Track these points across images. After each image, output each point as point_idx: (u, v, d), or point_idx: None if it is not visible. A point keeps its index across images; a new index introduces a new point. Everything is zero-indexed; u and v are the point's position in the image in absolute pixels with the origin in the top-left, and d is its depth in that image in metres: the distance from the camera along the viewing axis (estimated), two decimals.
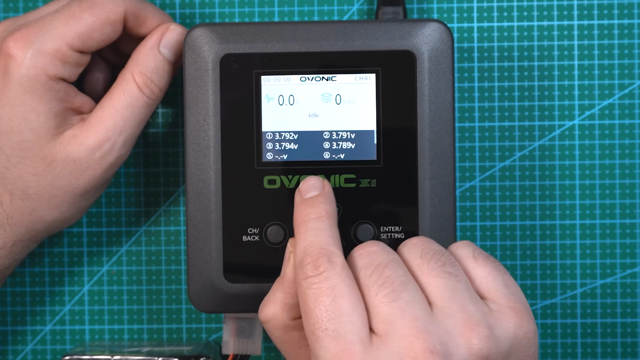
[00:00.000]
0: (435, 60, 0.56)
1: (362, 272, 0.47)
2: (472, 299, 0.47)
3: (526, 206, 0.64)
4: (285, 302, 0.50)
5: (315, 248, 0.48)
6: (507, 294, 0.48)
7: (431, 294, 0.47)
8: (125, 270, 0.65)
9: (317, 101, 0.56)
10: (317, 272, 0.47)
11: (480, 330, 0.46)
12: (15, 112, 0.55)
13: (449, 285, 0.47)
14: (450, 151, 0.56)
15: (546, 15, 0.63)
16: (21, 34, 0.55)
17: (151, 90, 0.57)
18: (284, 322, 0.50)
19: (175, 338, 0.65)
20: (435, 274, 0.48)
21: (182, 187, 0.64)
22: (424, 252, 0.49)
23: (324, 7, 0.64)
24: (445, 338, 0.45)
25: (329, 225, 0.49)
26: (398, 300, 0.46)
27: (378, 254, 0.48)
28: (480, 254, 0.50)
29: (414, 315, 0.45)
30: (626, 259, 0.64)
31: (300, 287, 0.47)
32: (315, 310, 0.46)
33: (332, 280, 0.46)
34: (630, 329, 0.64)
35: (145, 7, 0.58)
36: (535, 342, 0.48)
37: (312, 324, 0.46)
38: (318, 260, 0.47)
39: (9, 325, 0.65)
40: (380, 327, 0.45)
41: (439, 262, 0.48)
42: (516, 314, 0.47)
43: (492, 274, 0.49)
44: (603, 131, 0.63)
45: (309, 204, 0.51)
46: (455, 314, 0.46)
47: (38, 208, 0.57)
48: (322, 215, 0.50)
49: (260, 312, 0.51)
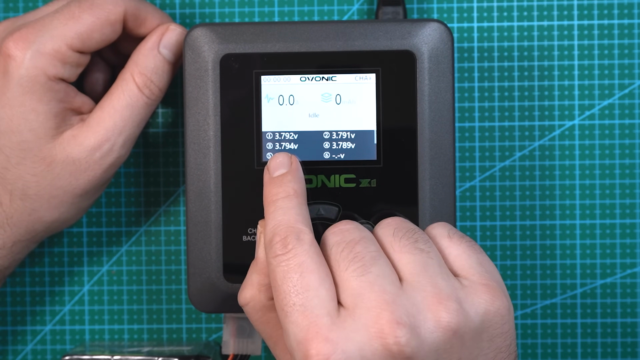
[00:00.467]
0: (435, 60, 0.56)
1: (334, 248, 0.48)
2: (443, 275, 0.47)
3: (526, 206, 0.64)
4: (261, 283, 0.50)
5: (284, 227, 0.48)
6: (481, 272, 0.48)
7: (402, 270, 0.47)
8: (125, 270, 0.65)
9: (317, 101, 0.56)
10: (286, 249, 0.47)
11: (449, 304, 0.46)
12: (15, 112, 0.55)
13: (419, 261, 0.47)
14: (450, 151, 0.56)
15: (546, 15, 0.63)
16: (21, 35, 0.55)
17: (151, 90, 0.57)
18: (261, 302, 0.51)
19: (175, 338, 0.65)
20: (406, 250, 0.48)
21: (182, 187, 0.64)
22: (396, 230, 0.49)
23: (324, 7, 0.64)
24: (413, 311, 0.45)
25: (297, 204, 0.50)
26: (367, 274, 0.46)
27: (350, 231, 0.48)
28: (455, 233, 0.50)
29: (383, 288, 0.45)
30: (626, 259, 0.64)
31: (270, 266, 0.48)
32: (283, 286, 0.46)
33: (300, 256, 0.47)
34: (630, 329, 0.64)
35: (144, 8, 0.58)
36: (509, 319, 0.48)
37: (280, 300, 0.46)
38: (286, 239, 0.47)
39: (9, 325, 0.65)
40: (349, 300, 0.46)
41: (411, 239, 0.48)
42: (488, 290, 0.47)
43: (467, 252, 0.49)
44: (603, 131, 0.63)
45: (277, 183, 0.51)
46: (425, 288, 0.46)
47: (38, 208, 0.57)
48: (291, 193, 0.50)
49: (239, 297, 0.51)
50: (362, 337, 0.45)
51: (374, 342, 0.44)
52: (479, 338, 0.47)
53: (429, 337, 0.45)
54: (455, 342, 0.46)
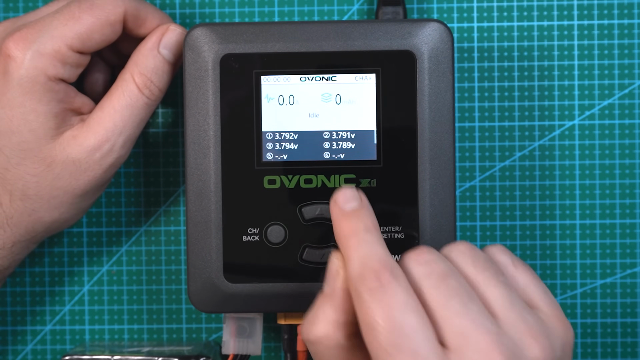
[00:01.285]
0: (435, 60, 0.56)
1: (426, 281, 0.45)
2: (526, 309, 0.46)
3: (526, 206, 0.64)
4: (339, 320, 0.47)
5: (375, 260, 0.45)
6: (550, 302, 0.48)
7: (492, 305, 0.46)
8: (125, 270, 0.65)
9: (317, 101, 0.56)
10: (382, 285, 0.44)
11: (542, 340, 0.45)
12: (15, 112, 0.55)
13: (506, 295, 0.46)
14: (450, 151, 0.56)
15: (546, 15, 0.63)
16: (21, 35, 0.55)
17: (151, 91, 0.57)
18: (337, 341, 0.47)
19: (175, 338, 0.65)
20: (492, 283, 0.46)
21: (182, 187, 0.64)
22: (475, 261, 0.47)
23: (324, 7, 0.64)
24: (516, 350, 0.44)
25: (379, 238, 0.47)
26: (469, 312, 0.44)
27: (437, 262, 0.46)
28: (517, 260, 0.49)
29: (486, 327, 0.44)
30: (626, 259, 0.64)
31: (363, 302, 0.44)
32: (387, 325, 0.44)
33: (400, 295, 0.44)
34: (630, 329, 0.64)
35: (144, 8, 0.58)
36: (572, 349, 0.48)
37: (382, 340, 0.43)
38: (380, 273, 0.44)
39: (9, 325, 0.65)
40: (454, 341, 0.44)
41: (492, 271, 0.47)
42: (562, 323, 0.47)
43: (533, 282, 0.48)
44: (603, 131, 0.63)
45: (354, 217, 0.48)
46: (519, 325, 0.45)
47: (38, 209, 0.57)
48: (371, 227, 0.47)
49: (309, 332, 0.47)
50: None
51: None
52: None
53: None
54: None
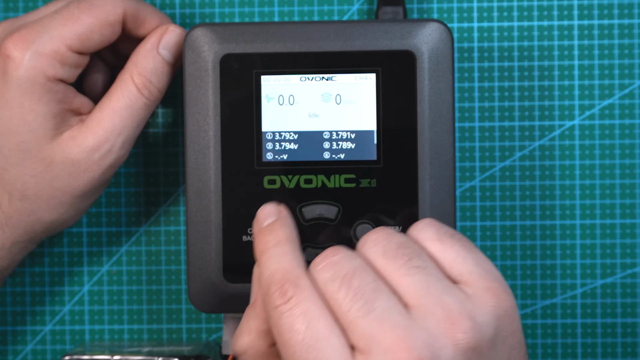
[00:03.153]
0: (435, 60, 0.56)
1: (329, 286, 0.45)
2: (447, 289, 0.45)
3: (526, 206, 0.64)
4: (260, 328, 0.47)
5: (279, 274, 0.45)
6: (480, 274, 0.46)
7: (404, 295, 0.45)
8: (125, 270, 0.65)
9: (317, 101, 0.56)
10: (285, 298, 0.44)
11: (463, 323, 0.44)
12: (14, 113, 0.55)
13: (420, 281, 0.45)
14: (450, 151, 0.56)
15: (546, 15, 0.63)
16: (20, 35, 0.55)
17: (150, 91, 0.57)
18: (261, 350, 0.47)
19: (175, 338, 0.65)
20: (403, 271, 0.45)
21: (182, 187, 0.64)
22: (386, 249, 0.46)
23: (324, 7, 0.64)
24: (429, 340, 0.43)
25: (290, 249, 0.47)
26: (373, 311, 0.43)
27: (341, 263, 0.45)
28: (444, 233, 0.47)
29: (393, 323, 0.43)
30: (626, 259, 0.64)
31: (272, 318, 0.45)
32: (291, 341, 0.44)
33: (302, 305, 0.44)
34: (630, 329, 0.64)
35: (144, 8, 0.58)
36: (516, 317, 0.46)
37: (291, 355, 0.44)
38: (284, 287, 0.45)
39: (9, 325, 0.65)
40: (361, 343, 0.43)
41: (405, 258, 0.45)
42: (494, 295, 0.45)
43: (461, 255, 0.46)
44: (603, 131, 0.63)
45: (266, 232, 0.48)
46: (434, 311, 0.44)
47: (37, 209, 0.57)
48: (282, 240, 0.47)
49: (235, 344, 0.48)
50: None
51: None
52: (493, 345, 0.45)
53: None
54: (474, 357, 0.44)
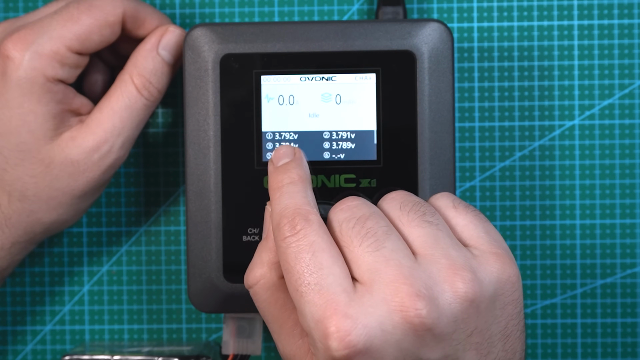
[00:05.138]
0: (435, 60, 0.56)
1: (344, 224, 0.48)
2: (454, 246, 0.48)
3: (526, 206, 0.64)
4: (272, 260, 0.50)
5: (291, 209, 0.48)
6: (489, 240, 0.49)
7: (413, 243, 0.47)
8: (125, 270, 0.65)
9: (317, 101, 0.56)
10: (295, 231, 0.47)
11: (464, 274, 0.46)
12: (14, 113, 0.55)
13: (430, 234, 0.48)
14: (450, 151, 0.56)
15: (546, 15, 0.63)
16: (19, 36, 0.55)
17: (149, 92, 0.57)
18: (272, 280, 0.50)
19: (175, 338, 0.65)
20: (415, 223, 0.48)
21: (182, 187, 0.64)
22: (403, 204, 0.49)
23: (324, 7, 0.64)
24: (430, 283, 0.46)
25: (302, 188, 0.50)
26: (382, 249, 0.46)
27: (359, 207, 0.48)
28: (459, 203, 0.51)
29: (398, 262, 0.46)
30: (626, 259, 0.64)
31: (280, 249, 0.47)
32: (296, 267, 0.46)
33: (310, 236, 0.47)
34: (630, 329, 0.64)
35: (143, 9, 0.58)
36: (519, 286, 0.48)
37: (294, 281, 0.46)
38: (294, 220, 0.47)
39: (9, 325, 0.65)
40: (365, 276, 0.46)
41: (419, 212, 0.48)
42: (499, 259, 0.48)
43: (473, 222, 0.50)
44: (603, 131, 0.63)
45: (281, 170, 0.51)
46: (439, 260, 0.46)
47: (36, 210, 0.57)
48: (295, 179, 0.50)
49: (248, 277, 0.51)
50: (382, 311, 0.45)
51: (394, 315, 0.45)
52: (492, 306, 0.47)
53: (448, 308, 0.46)
54: (472, 311, 0.46)
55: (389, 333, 0.45)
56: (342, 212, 0.48)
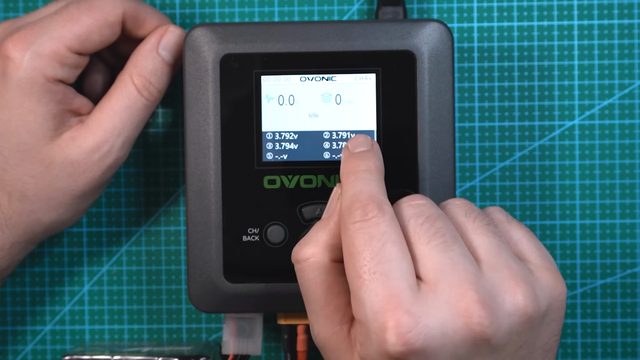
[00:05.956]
0: (435, 60, 0.56)
1: (413, 220, 0.47)
2: (514, 258, 0.48)
3: (526, 206, 0.64)
4: (328, 242, 0.49)
5: (366, 195, 0.47)
6: (542, 256, 0.49)
7: (477, 251, 0.47)
8: (125, 270, 0.65)
9: (317, 101, 0.56)
10: (367, 217, 0.46)
11: (525, 287, 0.46)
12: (14, 114, 0.55)
13: (494, 243, 0.47)
14: (450, 151, 0.56)
15: (546, 15, 0.63)
16: (19, 36, 0.55)
17: (150, 92, 0.57)
18: (323, 262, 0.49)
19: (175, 338, 0.65)
20: (481, 231, 0.48)
21: (182, 187, 0.64)
22: (468, 212, 0.49)
23: (324, 7, 0.64)
24: (494, 292, 0.45)
25: (378, 178, 0.49)
26: (449, 251, 0.46)
27: (428, 206, 0.48)
28: (512, 219, 0.51)
29: (465, 267, 0.45)
30: (626, 259, 0.64)
31: (347, 231, 0.47)
32: (364, 253, 0.45)
33: (382, 226, 0.46)
34: (630, 329, 0.64)
35: (143, 9, 0.58)
36: (564, 305, 0.48)
37: (358, 267, 0.45)
38: (368, 207, 0.47)
39: (9, 325, 0.65)
40: (430, 275, 0.45)
41: (484, 222, 0.48)
42: (552, 275, 0.48)
43: (527, 237, 0.50)
44: (603, 131, 0.63)
45: (358, 157, 0.50)
46: (501, 270, 0.46)
47: (36, 210, 0.57)
48: (372, 168, 0.50)
49: (299, 252, 0.49)
50: (445, 314, 0.44)
51: (457, 319, 0.44)
52: (542, 322, 0.47)
53: (507, 320, 0.45)
54: (527, 325, 0.46)
55: (448, 337, 0.44)
56: (410, 208, 0.48)
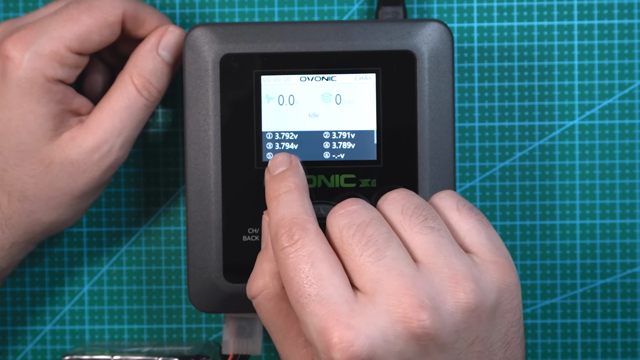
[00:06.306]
0: (435, 60, 0.56)
1: (344, 231, 0.47)
2: (457, 253, 0.47)
3: (526, 206, 0.64)
4: (273, 270, 0.50)
5: (288, 219, 0.48)
6: (491, 248, 0.49)
7: (415, 251, 0.47)
8: (125, 270, 0.65)
9: (317, 101, 0.56)
10: (292, 241, 0.47)
11: (466, 284, 0.46)
12: (13, 114, 0.55)
13: (432, 241, 0.47)
14: (450, 151, 0.56)
15: (546, 15, 0.63)
16: (19, 36, 0.55)
17: (149, 92, 0.57)
18: (275, 290, 0.50)
19: (175, 338, 0.65)
20: (417, 230, 0.48)
21: (182, 187, 0.64)
22: (404, 208, 0.49)
23: (324, 7, 0.64)
24: (433, 293, 0.45)
25: (299, 197, 0.49)
26: (383, 259, 0.46)
27: (359, 212, 0.48)
28: (464, 205, 0.50)
29: (401, 272, 0.45)
30: (626, 259, 0.64)
31: (279, 259, 0.47)
32: (296, 278, 0.46)
33: (308, 246, 0.46)
34: (630, 329, 0.64)
35: (143, 9, 0.58)
36: (518, 294, 0.48)
37: (295, 293, 0.46)
38: (291, 230, 0.47)
39: (9, 325, 0.65)
40: (367, 286, 0.46)
41: (421, 217, 0.48)
42: (499, 268, 0.48)
43: (476, 228, 0.49)
44: (603, 131, 0.63)
45: (277, 179, 0.51)
46: (441, 269, 0.46)
47: (36, 210, 0.57)
48: (292, 187, 0.50)
49: (250, 288, 0.50)
50: (385, 322, 0.45)
51: (397, 326, 0.45)
52: (492, 315, 0.47)
53: (449, 318, 0.46)
54: (473, 321, 0.46)
55: (391, 343, 0.45)
56: (342, 217, 0.48)
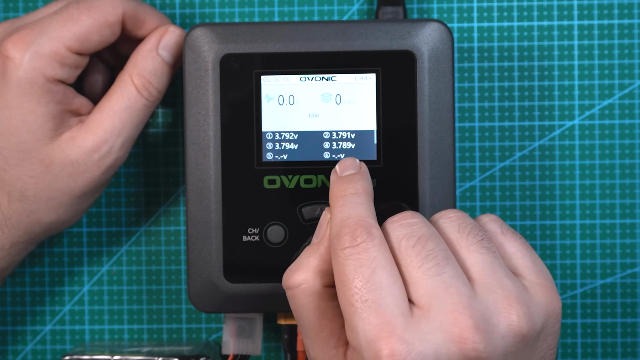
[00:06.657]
0: (435, 60, 0.56)
1: (404, 242, 0.47)
2: (509, 275, 0.47)
3: (526, 206, 0.64)
4: (319, 268, 0.49)
5: (353, 220, 0.47)
6: (536, 271, 0.48)
7: (470, 269, 0.47)
8: (125, 270, 0.65)
9: (317, 101, 0.56)
10: (355, 242, 0.46)
11: (519, 307, 0.45)
12: (13, 114, 0.55)
13: (487, 261, 0.47)
14: (450, 151, 0.56)
15: (546, 15, 0.63)
16: (19, 36, 0.55)
17: (149, 92, 0.57)
18: (315, 288, 0.49)
19: (175, 338, 0.65)
20: (474, 249, 0.47)
21: (182, 187, 0.64)
22: (461, 226, 0.48)
23: (324, 7, 0.64)
24: (487, 314, 0.45)
25: (366, 201, 0.49)
26: (442, 275, 0.45)
27: (419, 225, 0.47)
28: (507, 229, 0.50)
29: (458, 290, 0.45)
30: (626, 259, 0.64)
31: (337, 258, 0.46)
32: (355, 281, 0.45)
33: (371, 251, 0.46)
34: (630, 329, 0.64)
35: (143, 9, 0.58)
36: (559, 319, 0.48)
37: (350, 295, 0.45)
38: (356, 232, 0.46)
39: (9, 325, 0.65)
40: (423, 300, 0.45)
41: (478, 237, 0.48)
42: (546, 291, 0.47)
43: (521, 251, 0.49)
44: (603, 131, 0.63)
45: (346, 180, 0.50)
46: (495, 290, 0.46)
47: (36, 210, 0.57)
48: (360, 191, 0.49)
49: (290, 278, 0.49)
50: (438, 340, 0.44)
51: (451, 345, 0.44)
52: (537, 338, 0.47)
53: (501, 342, 0.45)
54: (522, 345, 0.46)
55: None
56: (402, 228, 0.47)
